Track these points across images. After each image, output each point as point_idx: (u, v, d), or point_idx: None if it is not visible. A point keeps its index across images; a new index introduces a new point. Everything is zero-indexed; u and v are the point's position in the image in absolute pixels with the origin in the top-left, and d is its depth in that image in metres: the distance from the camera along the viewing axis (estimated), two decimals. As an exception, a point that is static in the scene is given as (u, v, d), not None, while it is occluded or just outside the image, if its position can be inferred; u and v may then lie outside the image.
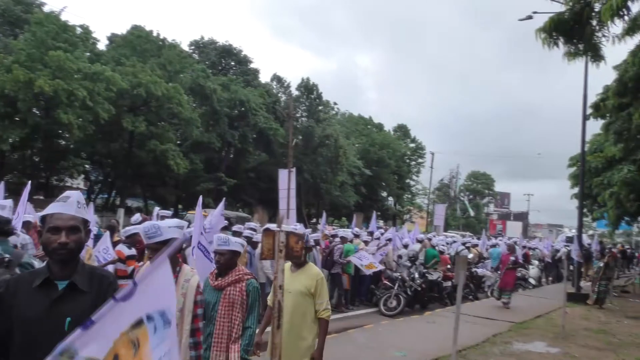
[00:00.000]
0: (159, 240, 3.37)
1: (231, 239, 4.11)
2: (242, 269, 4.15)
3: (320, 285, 4.35)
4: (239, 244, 4.16)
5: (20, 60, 24.51)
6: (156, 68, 30.59)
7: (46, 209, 2.42)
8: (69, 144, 30.90)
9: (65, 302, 2.28)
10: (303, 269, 4.42)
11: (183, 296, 3.41)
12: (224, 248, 4.03)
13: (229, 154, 39.36)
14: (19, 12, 31.63)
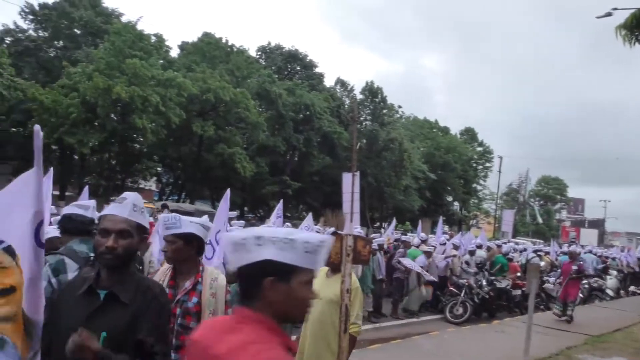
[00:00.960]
0: (176, 233, 3.06)
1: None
2: None
3: (354, 295, 3.91)
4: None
5: (100, 68, 25.99)
6: (225, 74, 31.51)
7: (103, 210, 2.33)
8: (142, 148, 32.37)
9: (104, 314, 2.10)
10: (338, 275, 3.98)
11: (213, 297, 3.10)
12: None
13: (294, 158, 39.85)
14: (99, 23, 33.60)
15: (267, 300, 1.50)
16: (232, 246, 1.57)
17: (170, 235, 3.08)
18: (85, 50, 31.45)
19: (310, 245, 1.54)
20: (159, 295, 2.25)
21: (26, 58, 32.84)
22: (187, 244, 3.09)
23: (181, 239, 3.05)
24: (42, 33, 34.93)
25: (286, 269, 1.52)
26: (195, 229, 3.11)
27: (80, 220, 3.36)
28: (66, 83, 26.92)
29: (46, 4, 34.10)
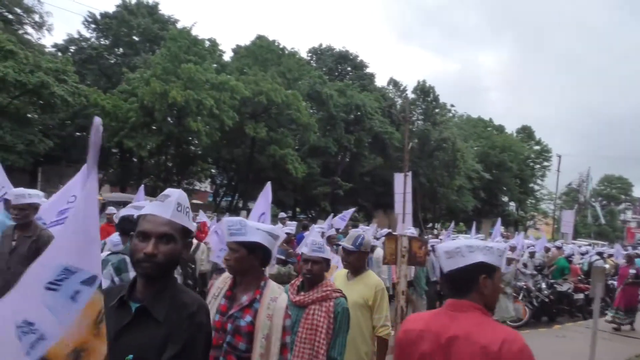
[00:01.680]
0: (240, 241, 2.70)
1: (326, 246, 3.44)
2: (331, 284, 3.43)
3: (381, 297, 3.78)
4: (329, 252, 3.52)
5: (157, 73, 26.85)
6: (276, 76, 31.86)
7: (143, 209, 2.02)
8: (197, 150, 33.21)
9: (134, 331, 1.80)
10: (361, 276, 3.90)
11: (269, 319, 2.65)
12: (318, 255, 3.34)
13: (345, 158, 39.80)
14: (156, 30, 34.75)
15: (480, 293, 1.96)
16: (447, 254, 2.00)
17: (234, 243, 2.73)
18: (143, 57, 32.58)
19: (501, 250, 2.02)
20: (196, 314, 1.86)
21: (89, 65, 34.37)
22: (251, 253, 2.73)
23: (245, 247, 2.70)
24: (103, 41, 36.47)
25: (492, 268, 1.98)
26: (262, 237, 2.73)
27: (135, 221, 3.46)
28: (126, 88, 27.98)
29: (107, 13, 35.59)
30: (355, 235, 3.94)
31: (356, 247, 3.82)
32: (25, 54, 23.45)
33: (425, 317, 2.10)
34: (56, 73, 24.62)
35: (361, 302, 3.70)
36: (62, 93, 24.16)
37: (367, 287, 3.79)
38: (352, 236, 3.94)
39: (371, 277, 3.92)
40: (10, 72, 21.82)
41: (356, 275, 3.90)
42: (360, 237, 3.90)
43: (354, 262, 3.88)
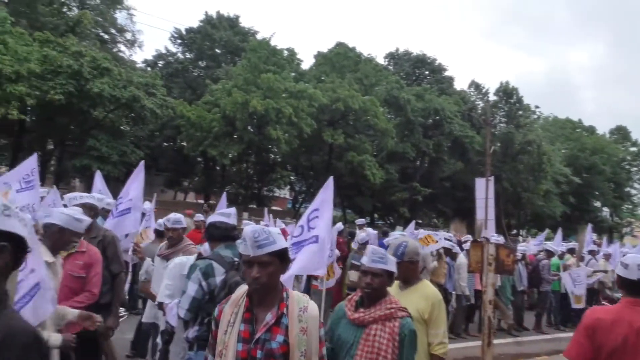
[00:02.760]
0: (273, 251, 2.35)
1: (388, 255, 3.02)
2: (395, 301, 2.98)
3: (438, 310, 3.38)
4: (394, 261, 3.07)
5: (238, 84, 27.78)
6: (353, 82, 31.95)
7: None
8: (277, 158, 33.91)
9: None
10: (415, 287, 3.49)
11: (304, 332, 2.36)
12: (380, 267, 2.94)
13: (424, 163, 39.13)
14: (237, 42, 36.02)
15: None
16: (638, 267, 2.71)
17: (266, 255, 2.33)
18: (225, 68, 33.83)
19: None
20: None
21: (175, 79, 36.22)
22: (283, 262, 2.45)
23: (278, 257, 2.37)
24: (188, 55, 38.31)
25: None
26: (283, 239, 2.45)
27: (223, 227, 3.57)
28: (209, 99, 29.17)
29: (192, 28, 37.37)
30: (396, 245, 3.54)
31: (398, 258, 3.32)
32: (119, 70, 25.09)
33: (612, 310, 2.80)
34: (146, 87, 26.15)
35: (415, 315, 3.24)
36: (152, 106, 25.59)
37: (423, 299, 3.40)
38: (393, 246, 3.58)
39: (427, 287, 3.54)
40: (106, 87, 23.42)
41: (409, 285, 3.51)
42: (401, 246, 3.48)
43: (402, 273, 3.45)
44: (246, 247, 2.38)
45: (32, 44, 23.12)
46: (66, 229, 3.56)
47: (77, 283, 4.10)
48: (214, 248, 3.54)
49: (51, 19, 28.87)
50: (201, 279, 3.34)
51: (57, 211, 3.67)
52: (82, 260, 4.15)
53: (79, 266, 4.12)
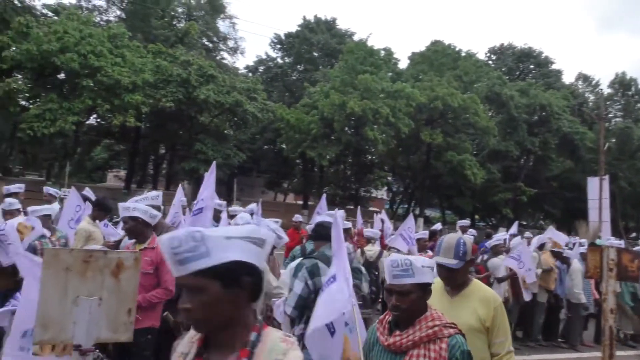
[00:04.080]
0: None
1: (416, 263, 2.36)
2: (437, 316, 2.41)
3: (500, 316, 2.88)
4: (431, 268, 2.44)
5: (336, 86, 28.11)
6: (452, 80, 31.14)
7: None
8: (374, 158, 33.87)
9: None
10: (469, 290, 2.94)
11: None
12: (406, 282, 2.34)
13: (528, 162, 37.20)
14: (334, 44, 36.48)
15: None
16: None
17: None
18: (323, 71, 34.38)
19: None
20: None
21: (275, 83, 37.42)
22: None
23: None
24: (287, 59, 39.41)
25: None
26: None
27: (330, 227, 3.63)
28: (307, 102, 29.78)
29: (290, 33, 38.39)
30: (454, 243, 2.90)
31: (461, 260, 2.85)
32: (222, 77, 26.39)
33: None
34: (248, 92, 27.26)
35: (475, 324, 2.81)
36: (253, 110, 26.62)
37: (482, 304, 2.87)
38: (448, 245, 2.91)
39: (483, 290, 2.98)
40: (212, 94, 24.73)
41: (461, 290, 2.94)
42: (460, 244, 2.90)
43: (461, 277, 2.92)
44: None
45: (146, 56, 24.99)
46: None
47: (145, 279, 3.98)
48: (320, 248, 3.61)
49: (162, 32, 31.02)
50: (307, 278, 3.43)
51: (261, 223, 3.92)
52: (150, 256, 4.15)
53: (147, 262, 4.08)
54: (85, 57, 21.23)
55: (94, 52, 21.59)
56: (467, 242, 2.94)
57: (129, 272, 2.58)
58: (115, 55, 22.69)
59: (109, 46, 22.80)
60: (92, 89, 21.93)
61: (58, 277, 2.45)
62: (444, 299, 2.91)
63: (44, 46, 20.58)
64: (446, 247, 2.90)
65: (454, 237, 2.95)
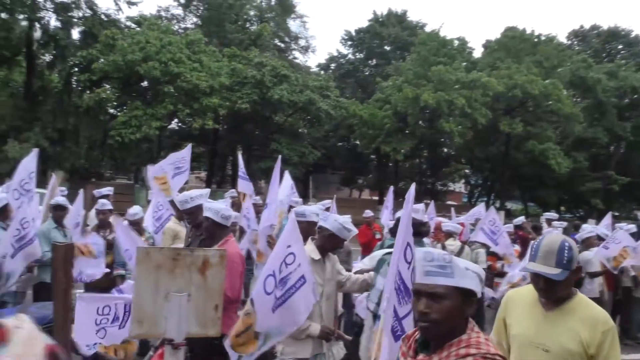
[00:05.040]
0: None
1: (458, 262, 1.86)
2: (477, 341, 1.82)
3: (610, 343, 2.31)
4: (478, 275, 1.88)
5: (408, 79, 27.72)
6: (532, 66, 29.75)
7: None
8: (450, 151, 33.11)
9: None
10: (568, 306, 2.39)
11: None
12: (439, 282, 1.83)
13: (619, 149, 34.86)
14: (405, 36, 35.97)
15: None
16: None
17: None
18: (395, 65, 34.00)
19: None
20: None
21: (347, 79, 37.45)
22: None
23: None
24: (358, 55, 39.34)
25: None
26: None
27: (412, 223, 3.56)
28: (380, 97, 29.58)
29: (361, 28, 38.30)
30: (557, 248, 2.31)
31: (565, 269, 2.29)
32: (295, 76, 26.77)
33: None
34: (320, 90, 27.49)
35: (575, 348, 2.31)
36: (326, 107, 26.81)
37: (586, 325, 2.32)
38: (549, 250, 2.31)
39: (590, 307, 2.40)
40: (285, 93, 25.16)
41: (561, 303, 2.39)
42: (564, 249, 2.31)
43: (562, 289, 2.37)
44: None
45: (222, 60, 25.84)
46: (337, 235, 3.72)
47: None
48: None
49: (236, 35, 31.93)
50: None
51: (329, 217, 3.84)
52: None
53: None
54: (166, 65, 22.24)
55: (173, 59, 22.59)
56: (572, 246, 2.33)
57: (215, 269, 2.67)
58: (193, 61, 23.62)
59: (187, 52, 23.77)
60: (173, 94, 22.94)
61: (150, 274, 2.59)
62: (537, 312, 2.40)
63: (129, 56, 21.78)
64: (545, 252, 2.30)
65: (557, 240, 2.34)
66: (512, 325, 2.52)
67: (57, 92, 23.85)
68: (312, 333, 3.47)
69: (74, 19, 23.94)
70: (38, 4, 22.67)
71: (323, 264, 3.67)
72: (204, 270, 2.65)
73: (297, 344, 3.54)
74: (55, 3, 23.30)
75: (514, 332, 2.50)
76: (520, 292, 2.62)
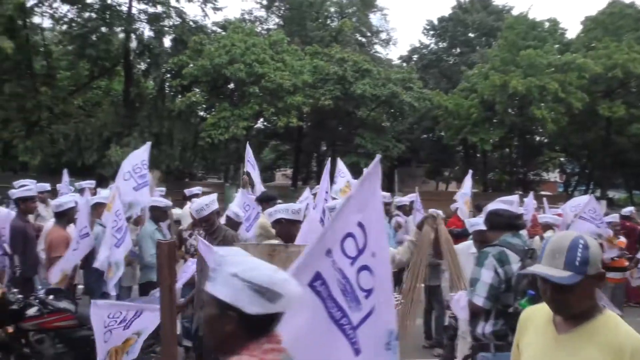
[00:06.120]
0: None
1: (223, 270, 1.52)
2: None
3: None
4: (250, 286, 1.48)
5: (495, 65, 26.63)
6: (634, 44, 27.49)
7: None
8: (543, 139, 31.49)
9: None
10: (587, 327, 1.84)
11: None
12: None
13: None
14: (491, 22, 34.56)
15: None
16: None
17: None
18: (480, 52, 32.80)
19: None
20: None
21: (430, 70, 36.64)
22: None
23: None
24: (441, 44, 38.35)
25: None
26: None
27: (507, 215, 3.39)
28: (465, 86, 28.68)
29: (443, 17, 37.30)
30: (567, 245, 1.81)
31: (577, 272, 1.78)
32: (377, 70, 26.60)
33: None
34: (403, 82, 27.12)
35: None
36: (410, 100, 26.40)
37: (608, 353, 1.79)
38: (557, 247, 1.83)
39: (617, 330, 1.83)
40: (367, 88, 25.07)
41: (578, 323, 1.84)
42: (578, 247, 1.80)
43: (577, 300, 1.83)
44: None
45: (304, 58, 26.19)
46: None
47: None
48: (495, 237, 3.39)
49: (318, 33, 32.23)
50: (497, 266, 3.18)
51: None
52: None
53: None
54: (251, 66, 22.89)
55: (257, 60, 23.20)
56: (590, 245, 1.81)
57: (309, 265, 2.69)
58: (276, 61, 24.14)
59: (271, 53, 24.32)
60: (258, 94, 23.57)
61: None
62: (548, 335, 1.91)
63: (216, 60, 22.64)
64: (552, 251, 1.83)
65: (568, 237, 1.85)
66: (522, 350, 2.04)
67: (152, 98, 25.31)
68: None
69: (165, 28, 25.30)
70: (133, 16, 24.18)
71: None
72: (299, 266, 2.68)
73: None
74: (148, 14, 24.74)
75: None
76: (536, 310, 2.07)
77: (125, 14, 23.92)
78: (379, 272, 2.07)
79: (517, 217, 3.40)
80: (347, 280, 2.01)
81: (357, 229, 2.06)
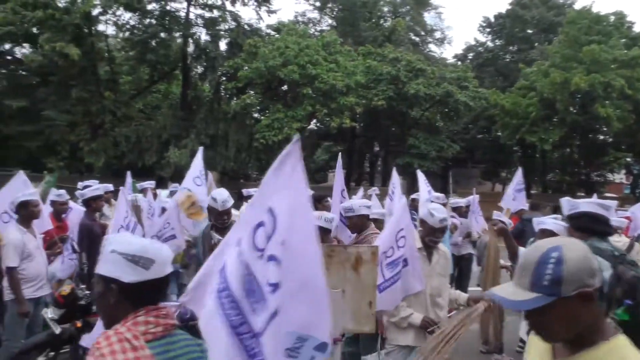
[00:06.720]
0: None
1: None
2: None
3: None
4: (124, 257, 1.69)
5: (556, 62, 25.69)
6: None
7: None
8: (607, 138, 30.09)
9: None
10: (588, 355, 1.44)
11: None
12: None
13: None
14: (551, 17, 33.34)
15: None
16: None
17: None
18: (539, 49, 31.72)
19: None
20: None
21: (486, 68, 35.74)
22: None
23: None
24: (497, 42, 37.34)
25: None
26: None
27: (605, 222, 3.23)
28: (523, 84, 27.79)
29: (500, 13, 36.32)
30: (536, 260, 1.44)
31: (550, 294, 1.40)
32: (431, 69, 26.20)
33: None
34: (458, 81, 26.61)
35: None
36: (465, 99, 25.86)
37: None
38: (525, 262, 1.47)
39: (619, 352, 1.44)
40: (421, 87, 24.76)
41: (575, 351, 1.48)
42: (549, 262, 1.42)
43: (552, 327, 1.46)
44: None
45: (357, 58, 26.14)
46: (426, 221, 3.85)
47: None
48: (585, 240, 3.22)
49: (371, 33, 32.11)
50: None
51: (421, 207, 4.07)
52: None
53: None
54: (304, 67, 23.05)
55: (311, 61, 23.34)
56: (568, 258, 1.41)
57: (368, 266, 2.69)
58: (329, 62, 24.20)
59: (324, 54, 24.41)
60: (311, 96, 23.70)
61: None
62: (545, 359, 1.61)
63: (270, 62, 22.95)
64: (520, 266, 1.49)
65: (540, 249, 1.46)
66: None
67: (208, 101, 25.92)
68: (414, 322, 3.60)
69: (221, 32, 25.86)
70: (190, 21, 24.86)
71: (425, 255, 3.75)
72: (357, 267, 2.68)
73: (399, 332, 3.70)
74: (205, 19, 25.36)
75: None
76: None
77: (183, 19, 24.63)
78: (288, 265, 1.68)
79: (608, 223, 3.24)
80: (253, 277, 1.71)
81: (267, 215, 1.72)
